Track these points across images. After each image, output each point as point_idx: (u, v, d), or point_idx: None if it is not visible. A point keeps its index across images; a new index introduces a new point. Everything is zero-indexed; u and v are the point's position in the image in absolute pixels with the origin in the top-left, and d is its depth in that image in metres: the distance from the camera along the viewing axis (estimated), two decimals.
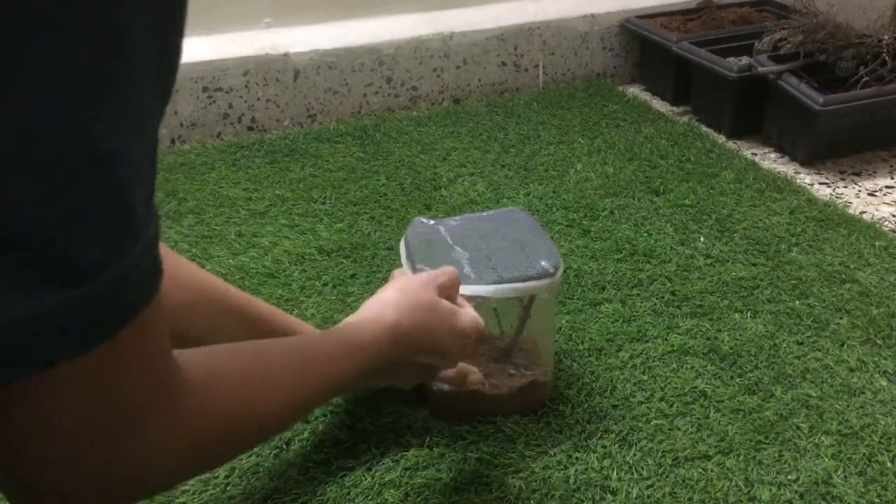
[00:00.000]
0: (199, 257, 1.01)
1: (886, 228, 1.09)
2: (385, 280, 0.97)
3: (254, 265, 0.99)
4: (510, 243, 0.72)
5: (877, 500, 0.67)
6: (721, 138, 1.38)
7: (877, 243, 1.03)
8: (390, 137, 1.37)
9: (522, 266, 0.69)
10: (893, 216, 1.14)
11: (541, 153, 1.30)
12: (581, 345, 0.85)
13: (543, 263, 0.68)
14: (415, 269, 0.69)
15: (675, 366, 0.82)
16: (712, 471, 0.69)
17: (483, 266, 0.69)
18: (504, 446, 0.72)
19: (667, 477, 0.69)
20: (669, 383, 0.79)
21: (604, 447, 0.72)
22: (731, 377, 0.80)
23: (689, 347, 0.84)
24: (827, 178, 1.25)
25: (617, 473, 0.69)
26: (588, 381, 0.80)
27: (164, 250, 0.38)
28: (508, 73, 1.56)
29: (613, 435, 0.73)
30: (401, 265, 0.74)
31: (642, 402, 0.77)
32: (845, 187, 1.23)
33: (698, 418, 0.75)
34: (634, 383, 0.80)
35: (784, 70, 1.26)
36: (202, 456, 0.42)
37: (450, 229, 0.74)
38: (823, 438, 0.73)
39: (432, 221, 0.75)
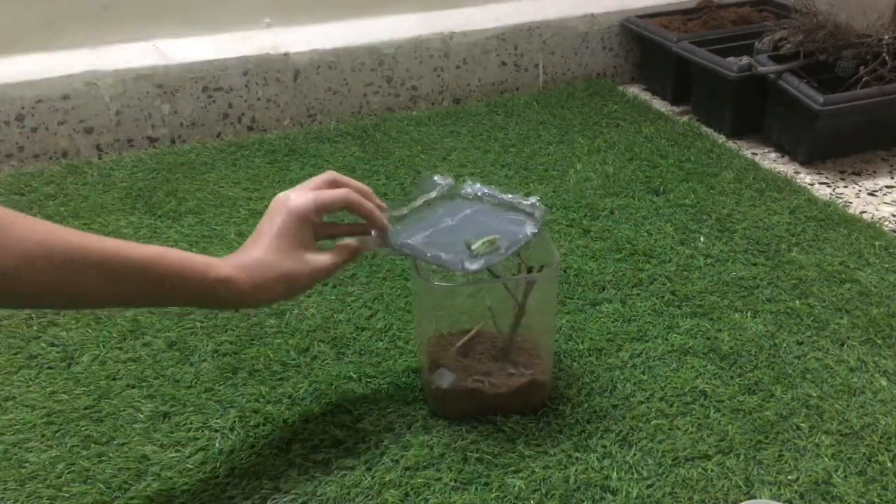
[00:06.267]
0: None
1: (886, 228, 1.09)
2: (385, 279, 0.98)
3: None
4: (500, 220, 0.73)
5: (877, 500, 0.67)
6: (721, 138, 1.38)
7: (877, 243, 1.03)
8: (390, 137, 1.37)
9: (510, 234, 0.69)
10: (893, 216, 1.14)
11: (541, 153, 1.30)
12: (581, 345, 0.85)
13: (528, 230, 0.69)
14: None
15: (675, 366, 0.82)
16: (712, 471, 0.69)
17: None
18: (504, 446, 0.72)
19: (667, 477, 0.69)
20: (669, 383, 0.79)
21: (604, 447, 0.72)
22: (731, 377, 0.80)
23: (689, 347, 0.84)
24: (827, 178, 1.25)
25: (617, 473, 0.69)
26: (588, 381, 0.80)
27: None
28: (508, 72, 1.56)
29: (613, 435, 0.73)
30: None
31: (642, 402, 0.77)
32: (845, 187, 1.23)
33: (698, 418, 0.75)
34: (634, 383, 0.80)
35: (784, 70, 1.27)
36: None
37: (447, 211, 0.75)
38: (823, 438, 0.73)
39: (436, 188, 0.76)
